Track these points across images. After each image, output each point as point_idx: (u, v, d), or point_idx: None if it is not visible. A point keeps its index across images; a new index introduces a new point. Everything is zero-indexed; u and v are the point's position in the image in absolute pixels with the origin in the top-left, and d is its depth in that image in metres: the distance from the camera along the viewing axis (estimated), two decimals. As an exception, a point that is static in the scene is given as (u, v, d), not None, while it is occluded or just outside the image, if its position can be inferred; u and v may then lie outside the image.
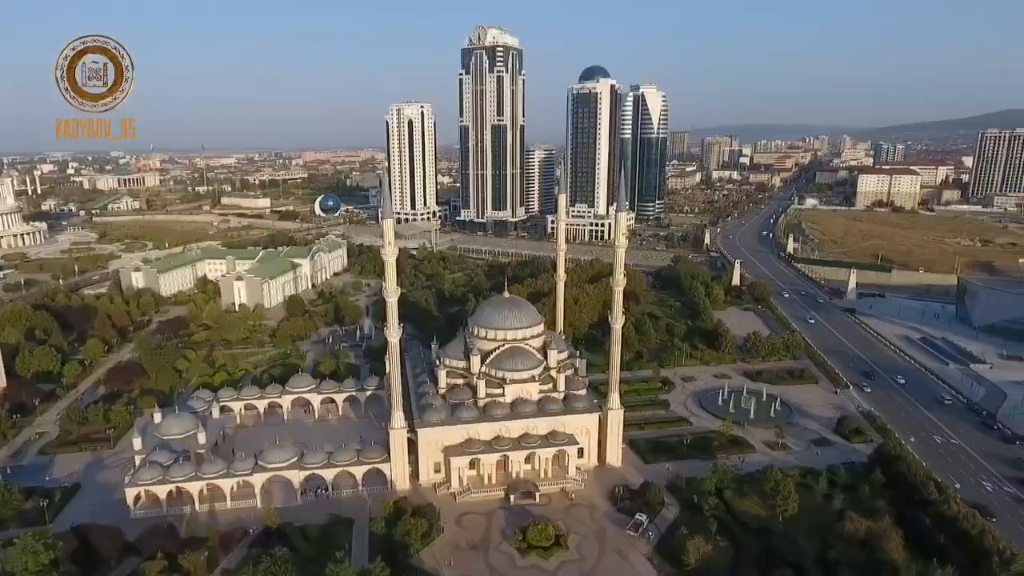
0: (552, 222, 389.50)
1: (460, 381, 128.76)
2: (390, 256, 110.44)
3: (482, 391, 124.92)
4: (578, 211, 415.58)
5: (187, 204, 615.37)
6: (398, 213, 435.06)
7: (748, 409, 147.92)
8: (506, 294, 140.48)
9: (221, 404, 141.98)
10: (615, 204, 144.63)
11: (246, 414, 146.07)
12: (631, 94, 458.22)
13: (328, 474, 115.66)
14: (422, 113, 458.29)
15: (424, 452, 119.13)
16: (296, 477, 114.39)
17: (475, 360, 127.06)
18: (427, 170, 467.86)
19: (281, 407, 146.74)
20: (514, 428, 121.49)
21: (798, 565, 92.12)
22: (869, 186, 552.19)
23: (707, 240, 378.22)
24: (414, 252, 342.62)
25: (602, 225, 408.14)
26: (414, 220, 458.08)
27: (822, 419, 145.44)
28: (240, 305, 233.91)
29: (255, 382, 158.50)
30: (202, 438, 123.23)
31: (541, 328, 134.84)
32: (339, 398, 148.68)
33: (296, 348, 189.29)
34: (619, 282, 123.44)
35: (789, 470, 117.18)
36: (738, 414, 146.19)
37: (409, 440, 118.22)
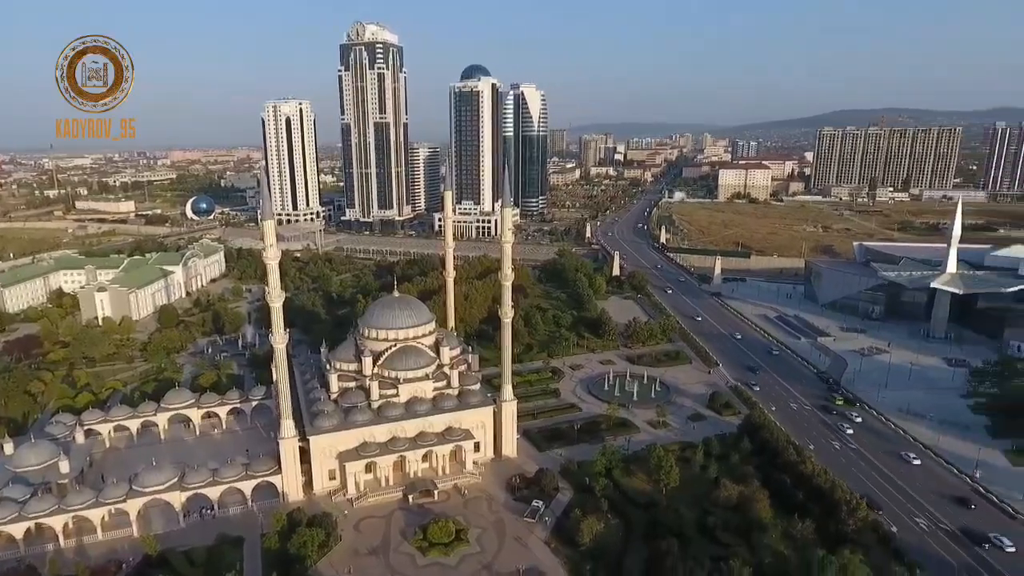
0: (439, 220, 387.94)
1: (352, 384, 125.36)
2: (272, 259, 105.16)
3: (376, 393, 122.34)
4: (465, 208, 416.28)
5: (35, 210, 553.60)
6: (279, 214, 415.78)
7: (632, 392, 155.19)
8: (396, 293, 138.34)
9: (86, 428, 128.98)
10: (500, 200, 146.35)
11: (116, 436, 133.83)
12: (511, 93, 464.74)
13: (213, 492, 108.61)
14: (301, 110, 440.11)
15: (318, 460, 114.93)
16: (177, 499, 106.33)
17: (367, 361, 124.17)
18: (308, 169, 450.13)
19: (157, 426, 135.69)
20: (410, 428, 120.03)
21: (681, 533, 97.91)
22: (728, 180, 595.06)
23: (588, 233, 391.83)
24: (298, 254, 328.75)
25: (489, 221, 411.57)
26: (297, 221, 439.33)
27: (697, 396, 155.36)
28: (104, 318, 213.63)
29: (125, 401, 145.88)
30: (64, 467, 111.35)
31: (433, 326, 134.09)
32: (222, 411, 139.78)
33: (171, 361, 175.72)
34: (507, 276, 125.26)
35: (670, 446, 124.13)
36: (623, 397, 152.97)
37: (301, 449, 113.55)
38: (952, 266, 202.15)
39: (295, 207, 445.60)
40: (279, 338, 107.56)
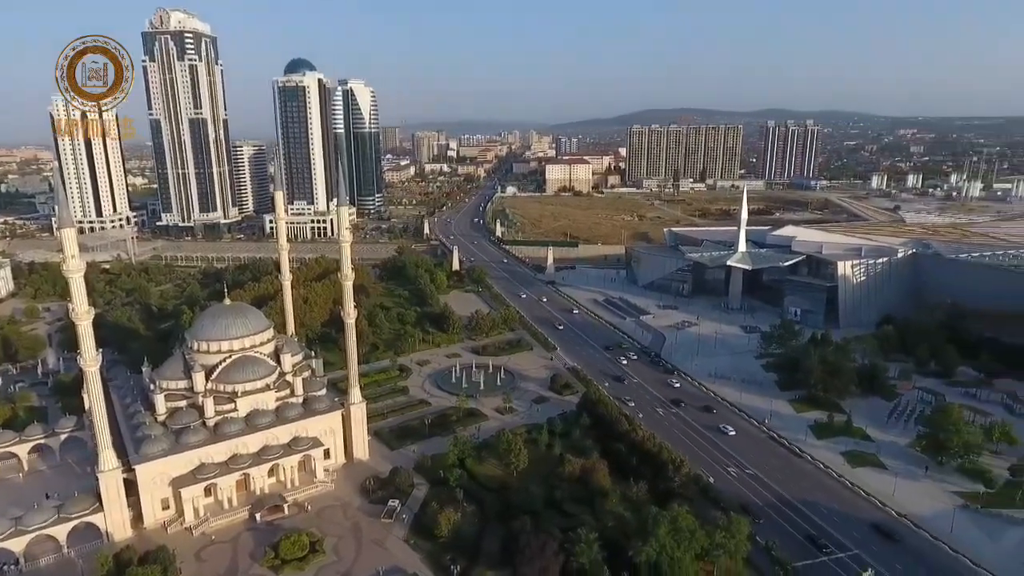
0: (271, 221, 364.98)
1: (183, 403, 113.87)
2: (75, 272, 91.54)
3: (211, 409, 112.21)
4: (298, 208, 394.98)
5: None
6: (81, 221, 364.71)
7: (479, 382, 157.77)
8: (227, 301, 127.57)
9: None
10: (336, 199, 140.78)
11: None
12: (340, 88, 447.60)
13: (17, 544, 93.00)
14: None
15: (147, 490, 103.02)
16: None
17: (198, 377, 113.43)
18: (113, 170, 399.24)
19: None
20: (252, 442, 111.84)
21: (533, 510, 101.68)
22: (555, 174, 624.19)
23: (427, 230, 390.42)
24: (107, 265, 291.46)
25: (324, 221, 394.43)
26: (104, 229, 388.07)
27: (539, 380, 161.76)
28: None
29: None
30: None
31: (270, 333, 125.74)
32: (21, 450, 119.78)
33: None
34: (347, 277, 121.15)
35: (517, 430, 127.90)
36: (471, 388, 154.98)
37: (126, 480, 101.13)
38: (742, 246, 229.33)
39: (100, 213, 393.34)
40: (90, 360, 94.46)
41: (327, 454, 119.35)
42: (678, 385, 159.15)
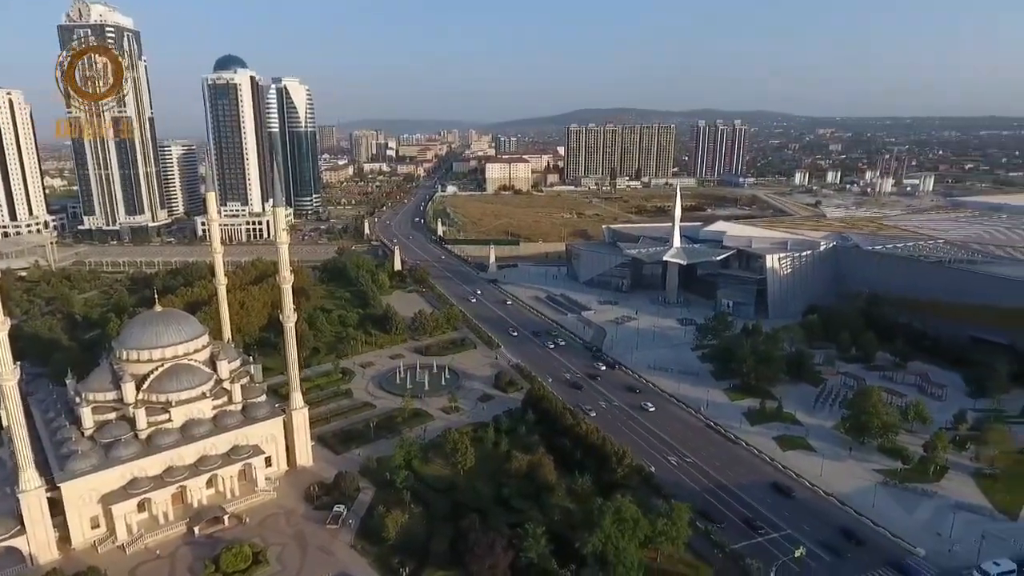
0: (203, 223, 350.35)
1: (112, 416, 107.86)
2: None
3: (143, 421, 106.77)
4: (232, 210, 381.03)
5: None
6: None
7: (423, 383, 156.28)
8: (158, 308, 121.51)
9: None
10: (272, 200, 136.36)
11: None
12: (273, 86, 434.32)
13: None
14: (11, 101, 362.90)
15: (74, 508, 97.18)
16: None
17: (128, 388, 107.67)
18: (29, 172, 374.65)
19: None
20: (189, 453, 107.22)
21: (481, 508, 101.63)
22: (495, 173, 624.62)
23: (367, 230, 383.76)
24: (23, 273, 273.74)
25: (260, 223, 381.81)
26: (19, 234, 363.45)
27: (484, 378, 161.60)
28: None
29: None
30: None
31: (206, 339, 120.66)
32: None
33: None
34: (286, 279, 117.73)
35: (463, 429, 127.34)
36: (416, 389, 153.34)
37: (51, 499, 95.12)
38: (677, 242, 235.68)
39: (13, 216, 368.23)
40: (6, 373, 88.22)
41: (268, 462, 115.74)
42: (603, 368, 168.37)
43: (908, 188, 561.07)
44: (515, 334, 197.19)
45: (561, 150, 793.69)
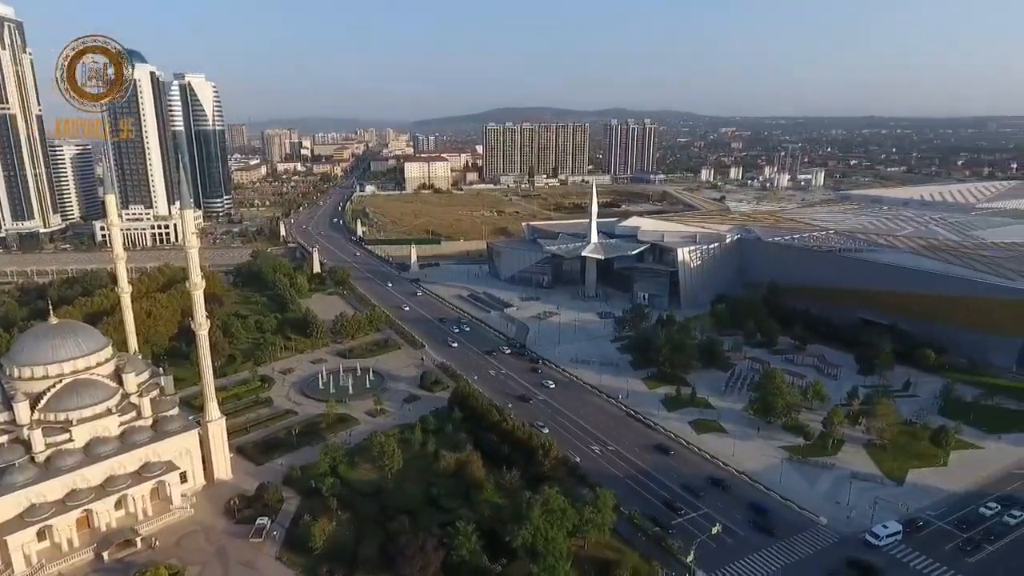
0: (103, 228, 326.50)
1: (3, 439, 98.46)
2: None
3: (40, 443, 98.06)
4: (134, 213, 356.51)
5: None
6: None
7: (347, 386, 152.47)
8: (52, 320, 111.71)
9: None
10: (179, 202, 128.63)
11: None
12: (176, 83, 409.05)
13: None
14: None
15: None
16: None
17: (21, 408, 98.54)
18: None
19: None
20: (94, 475, 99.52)
21: (410, 510, 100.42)
22: (414, 172, 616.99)
23: (283, 232, 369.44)
24: None
25: (166, 226, 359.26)
26: None
27: (409, 379, 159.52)
28: None
29: None
30: None
31: (109, 352, 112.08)
32: None
33: None
34: (197, 285, 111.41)
35: (390, 431, 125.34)
36: (339, 393, 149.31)
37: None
38: (594, 237, 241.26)
39: None
40: None
41: (184, 478, 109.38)
42: (509, 351, 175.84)
43: (802, 183, 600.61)
44: (435, 330, 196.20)
45: (479, 149, 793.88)
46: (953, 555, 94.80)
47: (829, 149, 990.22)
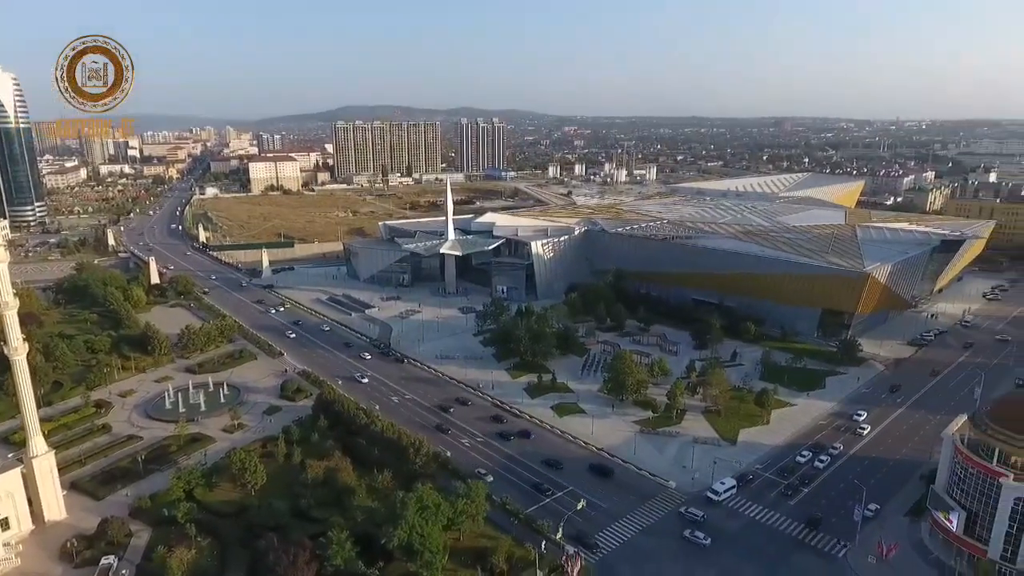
0: None
1: None
2: None
3: None
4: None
5: None
6: None
7: (199, 404, 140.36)
8: None
9: None
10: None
11: None
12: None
13: None
14: None
15: None
16: None
17: None
18: None
19: None
20: None
21: (279, 525, 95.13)
22: (260, 172, 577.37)
23: (112, 241, 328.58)
24: None
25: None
26: None
27: (268, 389, 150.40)
28: None
29: None
30: None
31: None
32: None
33: None
34: (8, 305, 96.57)
35: (251, 446, 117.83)
36: (190, 411, 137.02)
37: None
38: (451, 234, 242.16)
39: None
40: None
41: (6, 524, 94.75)
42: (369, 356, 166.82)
43: (638, 178, 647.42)
44: (292, 336, 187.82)
45: (329, 147, 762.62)
46: (777, 500, 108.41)
47: (659, 146, 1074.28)
